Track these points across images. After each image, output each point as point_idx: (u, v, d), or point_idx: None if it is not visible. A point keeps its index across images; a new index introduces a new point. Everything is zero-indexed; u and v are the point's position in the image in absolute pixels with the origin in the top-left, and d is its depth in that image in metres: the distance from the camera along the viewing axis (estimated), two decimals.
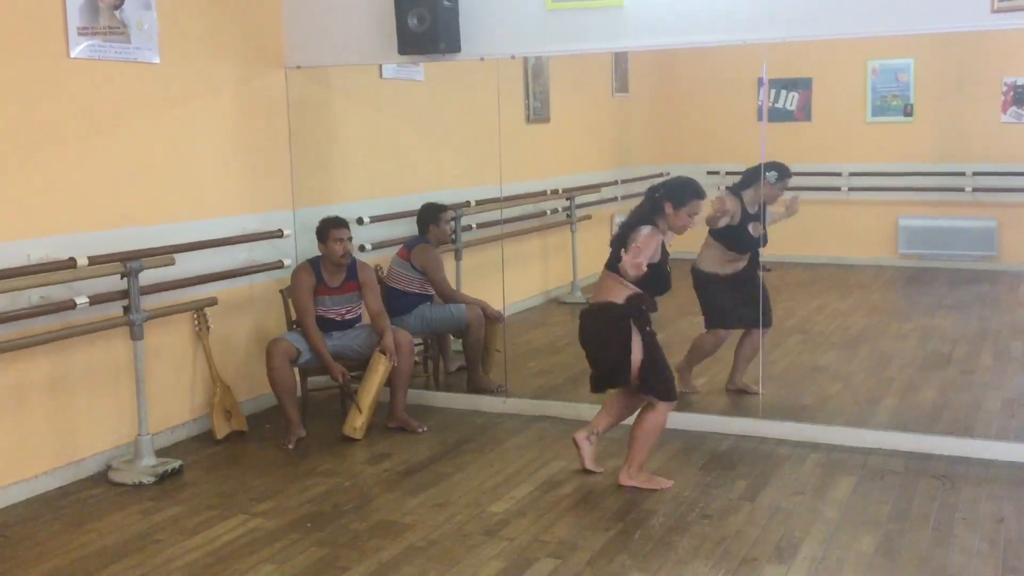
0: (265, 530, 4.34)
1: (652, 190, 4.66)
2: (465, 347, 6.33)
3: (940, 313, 8.19)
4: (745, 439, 5.36)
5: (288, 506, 4.61)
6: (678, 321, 6.24)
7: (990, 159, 9.05)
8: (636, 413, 4.79)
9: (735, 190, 5.83)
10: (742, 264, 5.87)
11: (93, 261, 4.85)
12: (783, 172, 5.81)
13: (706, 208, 5.60)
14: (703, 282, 5.91)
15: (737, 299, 5.86)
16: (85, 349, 5.03)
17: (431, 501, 4.62)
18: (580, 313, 4.78)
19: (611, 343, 4.60)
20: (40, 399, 4.86)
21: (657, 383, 4.63)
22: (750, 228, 5.78)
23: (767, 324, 5.95)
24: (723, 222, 5.77)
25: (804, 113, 9.31)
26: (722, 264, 5.88)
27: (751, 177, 5.80)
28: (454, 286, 6.67)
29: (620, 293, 4.58)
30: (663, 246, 4.62)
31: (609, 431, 4.92)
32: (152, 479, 4.95)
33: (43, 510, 4.65)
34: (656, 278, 4.58)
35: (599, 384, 4.80)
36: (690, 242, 5.94)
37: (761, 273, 5.81)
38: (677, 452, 5.19)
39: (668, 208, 4.58)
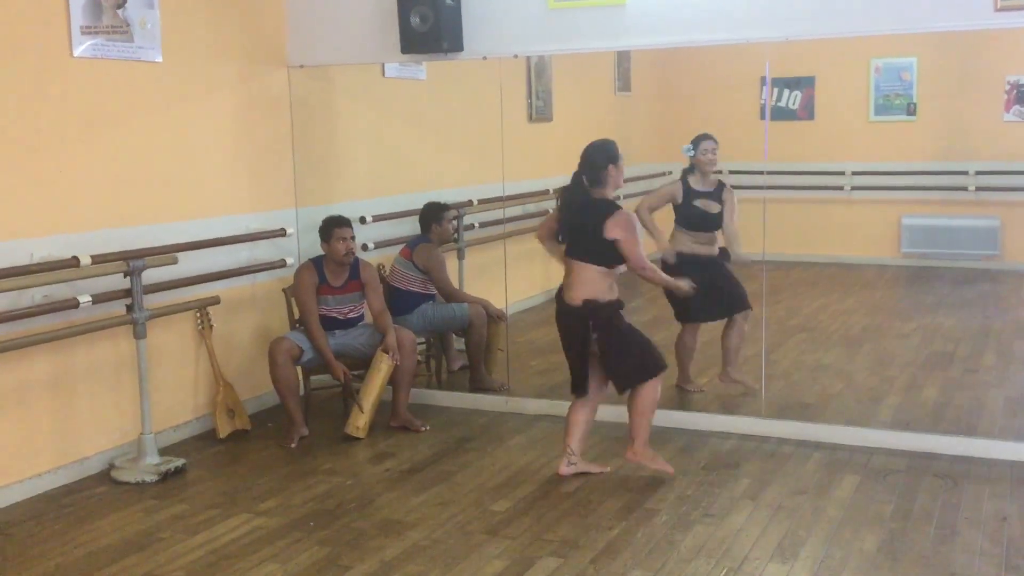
0: (268, 529, 4.35)
1: (592, 172, 4.60)
2: (467, 346, 6.34)
3: (943, 312, 8.18)
4: (748, 438, 5.36)
5: (291, 505, 4.62)
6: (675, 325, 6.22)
7: (993, 158, 9.05)
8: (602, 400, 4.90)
9: (683, 174, 5.95)
10: (713, 249, 5.89)
11: (96, 260, 4.85)
12: (695, 141, 5.90)
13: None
14: (677, 263, 5.89)
15: (705, 291, 5.85)
16: (88, 348, 5.03)
17: (434, 500, 4.63)
18: (563, 310, 4.69)
19: (607, 341, 4.62)
20: (43, 398, 4.87)
21: (637, 372, 4.66)
22: (697, 204, 5.85)
23: (741, 308, 5.95)
24: (661, 204, 5.90)
25: (807, 112, 9.31)
26: (689, 244, 5.90)
27: (687, 157, 5.92)
28: (456, 285, 6.67)
29: (602, 287, 4.58)
30: None
31: (586, 439, 4.92)
32: (155, 478, 4.96)
33: (46, 508, 4.66)
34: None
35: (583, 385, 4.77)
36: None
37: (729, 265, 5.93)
38: (680, 451, 5.19)
39: (613, 169, 4.60)
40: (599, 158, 4.62)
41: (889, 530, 4.17)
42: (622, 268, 4.64)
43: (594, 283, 4.59)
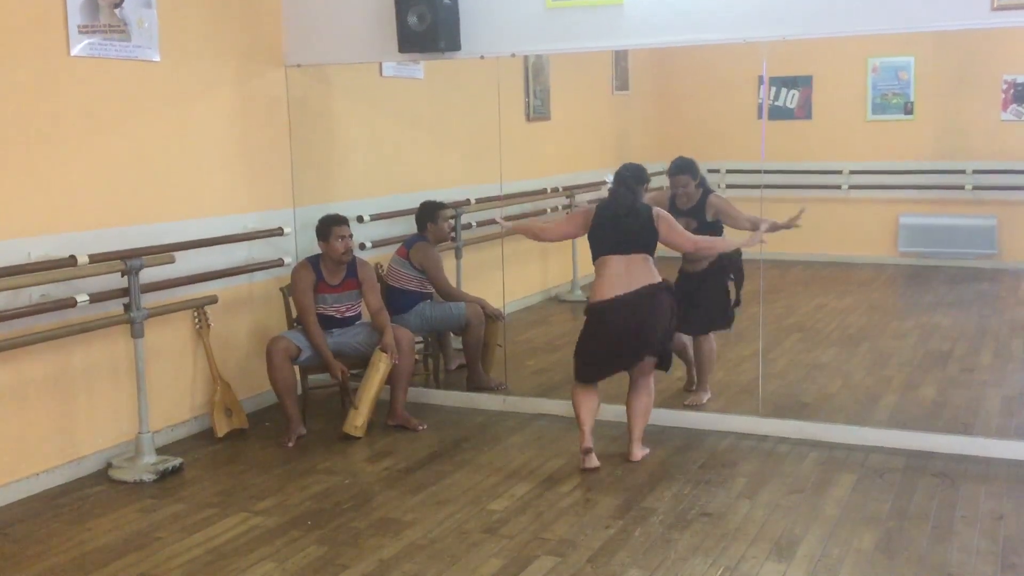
0: (265, 528, 4.35)
1: (630, 180, 5.00)
2: (465, 345, 6.33)
3: (940, 311, 8.19)
4: (745, 437, 5.37)
5: (288, 504, 4.62)
6: None
7: (990, 157, 9.07)
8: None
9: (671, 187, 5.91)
10: (700, 265, 5.77)
11: (94, 259, 4.85)
12: (671, 170, 5.84)
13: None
14: (677, 282, 5.89)
15: (685, 304, 5.82)
16: (86, 347, 5.03)
17: (431, 499, 4.63)
18: (631, 300, 4.82)
19: (667, 318, 4.94)
20: (41, 397, 4.87)
21: (669, 350, 5.09)
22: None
23: (707, 329, 5.86)
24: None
25: (804, 111, 9.33)
26: (684, 261, 5.87)
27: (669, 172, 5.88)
28: (454, 284, 6.68)
29: (656, 271, 4.93)
30: None
31: None
32: (153, 477, 4.96)
33: (44, 508, 4.66)
34: None
35: (615, 367, 4.98)
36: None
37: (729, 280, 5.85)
38: (677, 450, 5.20)
39: (646, 188, 5.12)
40: (636, 179, 5.04)
41: (886, 529, 4.18)
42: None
43: (653, 269, 4.93)
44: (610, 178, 5.13)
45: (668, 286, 4.98)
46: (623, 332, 4.88)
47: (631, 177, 5.02)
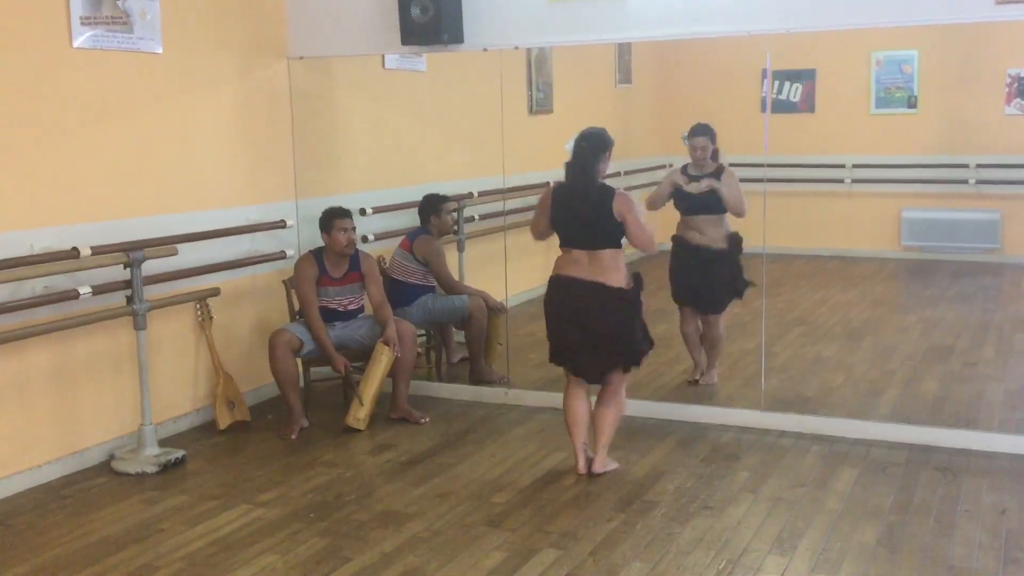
0: (267, 520, 4.35)
1: (587, 150, 4.65)
2: (467, 338, 6.34)
3: (943, 305, 8.19)
4: (747, 431, 5.37)
5: (291, 496, 4.62)
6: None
7: (994, 151, 9.06)
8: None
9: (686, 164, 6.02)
10: (706, 237, 5.85)
11: (96, 251, 4.85)
12: (690, 132, 5.93)
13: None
14: (672, 249, 6.00)
15: (692, 278, 5.88)
16: (88, 339, 5.04)
17: (433, 492, 4.63)
18: (583, 288, 4.59)
19: (629, 323, 4.63)
20: (43, 389, 4.87)
21: (641, 350, 4.72)
22: (684, 186, 5.86)
23: (713, 311, 5.96)
24: (666, 190, 5.98)
25: (808, 105, 9.32)
26: (683, 229, 5.95)
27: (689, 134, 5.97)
28: (456, 277, 6.67)
29: (623, 272, 4.60)
30: None
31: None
32: (155, 469, 4.96)
33: (46, 499, 4.66)
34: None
35: (600, 371, 4.72)
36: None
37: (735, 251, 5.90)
38: (679, 443, 5.20)
39: (607, 157, 4.71)
40: (600, 145, 4.70)
41: (888, 523, 4.18)
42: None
43: (620, 268, 4.61)
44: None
45: (627, 294, 4.58)
46: (570, 316, 4.63)
47: (589, 146, 4.63)
